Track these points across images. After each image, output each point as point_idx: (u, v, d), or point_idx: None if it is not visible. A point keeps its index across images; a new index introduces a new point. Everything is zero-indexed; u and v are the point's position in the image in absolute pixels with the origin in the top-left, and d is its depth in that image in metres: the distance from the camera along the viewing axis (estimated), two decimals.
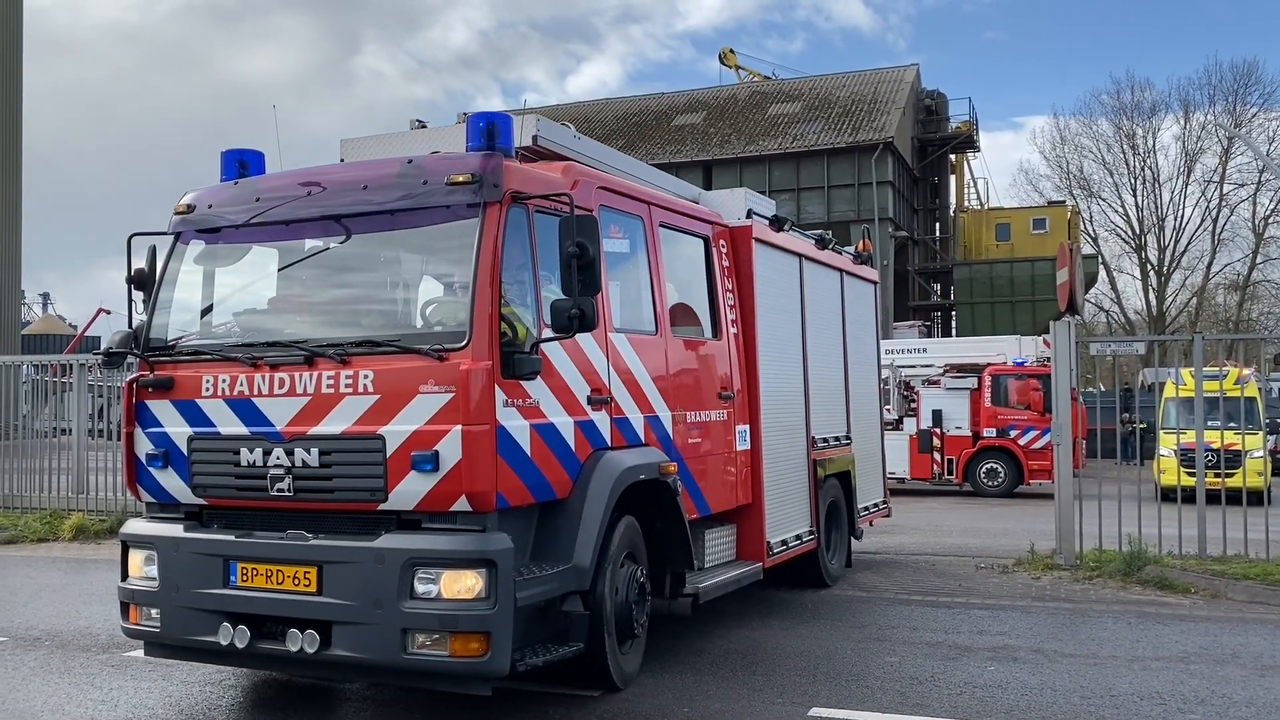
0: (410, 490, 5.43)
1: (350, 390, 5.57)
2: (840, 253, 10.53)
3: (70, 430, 15.19)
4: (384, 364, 5.55)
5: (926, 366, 22.83)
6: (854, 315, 10.61)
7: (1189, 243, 48.62)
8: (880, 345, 12.03)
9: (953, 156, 44.10)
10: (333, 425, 5.59)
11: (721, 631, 7.90)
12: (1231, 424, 17.26)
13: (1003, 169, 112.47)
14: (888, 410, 21.83)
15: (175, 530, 6.05)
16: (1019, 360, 22.17)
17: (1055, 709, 6.04)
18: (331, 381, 5.61)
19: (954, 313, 41.76)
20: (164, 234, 6.56)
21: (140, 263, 6.49)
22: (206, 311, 6.52)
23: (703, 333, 7.84)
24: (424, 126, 8.55)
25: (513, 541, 5.47)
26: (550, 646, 5.79)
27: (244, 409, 5.83)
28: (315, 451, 5.62)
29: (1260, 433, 18.50)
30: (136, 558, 6.20)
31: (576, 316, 5.55)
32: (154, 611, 6.01)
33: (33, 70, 37.12)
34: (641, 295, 7.15)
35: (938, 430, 21.66)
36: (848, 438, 10.21)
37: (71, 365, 15.70)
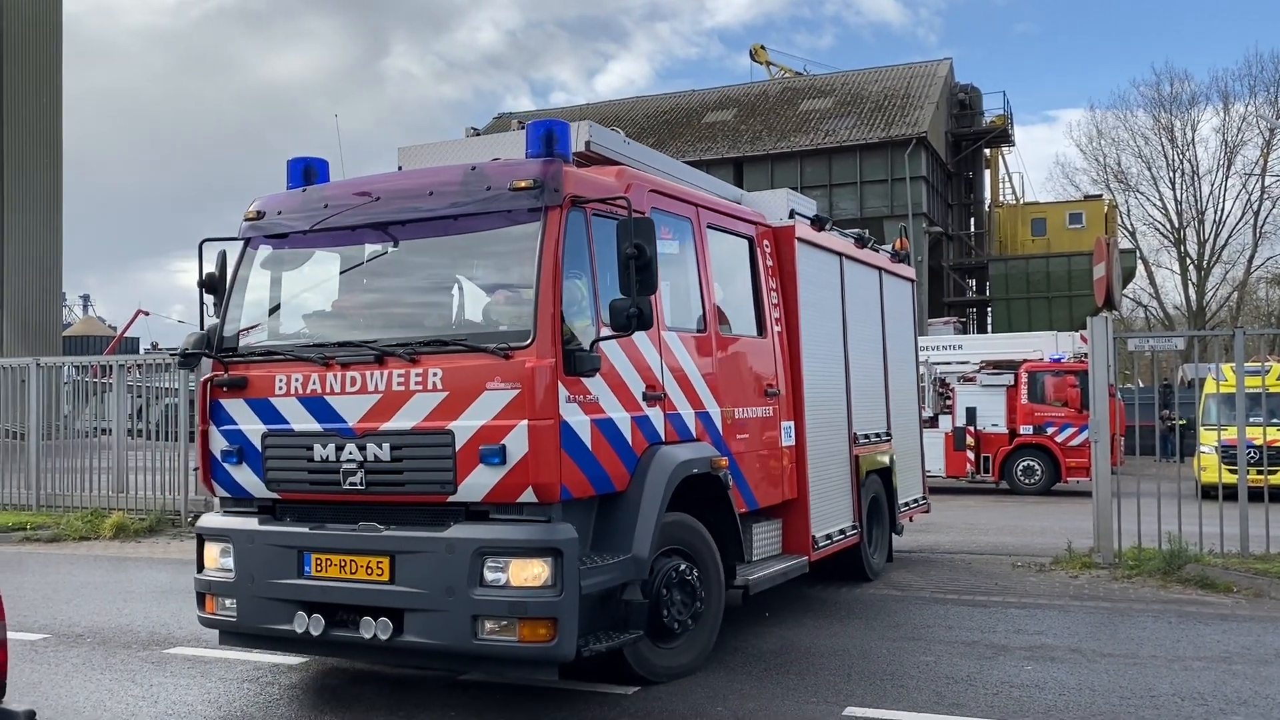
0: (478, 482, 5.66)
1: (420, 387, 5.81)
2: (878, 251, 10.63)
3: (110, 430, 15.41)
4: (452, 362, 5.78)
5: (962, 363, 22.64)
6: (892, 313, 10.70)
7: (1229, 236, 47.84)
8: (917, 342, 12.13)
9: (987, 151, 43.70)
10: (403, 421, 5.83)
11: (756, 630, 7.88)
12: (1274, 420, 17.01)
13: (1036, 163, 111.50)
14: (923, 408, 21.74)
15: (250, 523, 6.30)
16: (1055, 357, 21.94)
17: (1094, 709, 5.96)
18: (402, 379, 5.86)
19: (989, 309, 41.41)
20: (234, 239, 6.82)
21: (210, 267, 6.73)
22: (275, 314, 6.77)
23: (749, 331, 7.96)
24: (479, 134, 9.03)
25: (575, 532, 5.67)
26: (611, 634, 5.93)
27: (317, 406, 6.09)
28: (387, 446, 5.86)
29: None
30: (213, 550, 6.43)
31: (635, 315, 5.74)
32: (230, 601, 6.26)
33: (68, 75, 37.72)
34: (691, 295, 7.27)
35: (971, 429, 21.47)
36: (888, 434, 10.31)
37: (111, 366, 15.92)
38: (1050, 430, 21.20)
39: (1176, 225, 47.95)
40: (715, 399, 7.21)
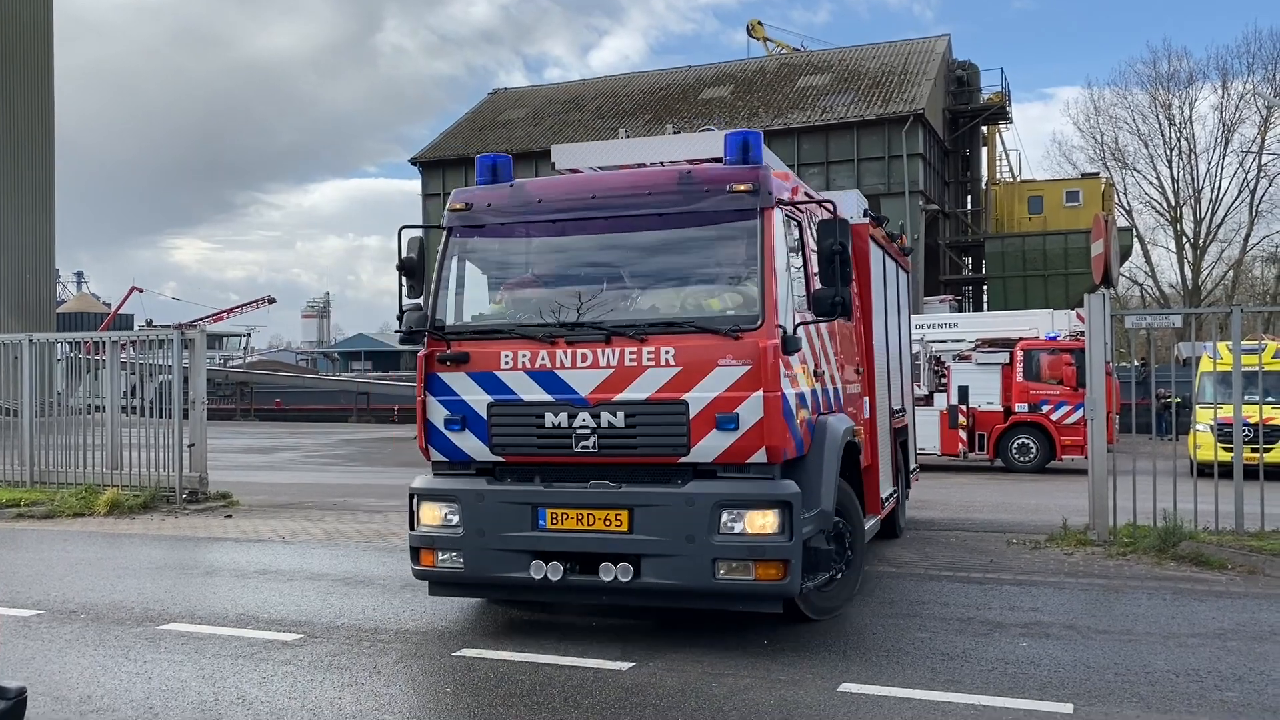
0: (711, 445, 6.50)
1: (652, 363, 6.59)
2: (894, 240, 11.69)
3: (104, 407, 15.36)
4: (682, 342, 6.56)
5: (958, 341, 22.59)
6: (901, 299, 11.93)
7: (1226, 215, 47.82)
8: (911, 325, 13.26)
9: (984, 128, 43.53)
10: (637, 393, 6.61)
11: None
12: (1269, 398, 17.02)
13: (1032, 141, 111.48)
14: (918, 386, 21.72)
15: (478, 484, 6.98)
16: (1051, 335, 21.93)
17: (1089, 686, 5.96)
18: (634, 356, 6.63)
19: (985, 287, 41.38)
20: (434, 227, 7.67)
21: (408, 252, 7.32)
22: (487, 295, 7.43)
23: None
24: (629, 136, 10.20)
25: (798, 488, 6.54)
26: (812, 574, 6.74)
27: (547, 379, 6.79)
28: (621, 414, 6.63)
29: None
30: (434, 509, 7.07)
31: (839, 304, 6.71)
32: (454, 554, 6.95)
33: (58, 50, 37.37)
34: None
35: (964, 407, 21.46)
36: (904, 408, 11.64)
37: (105, 342, 15.84)
38: (1045, 408, 21.21)
39: (1173, 203, 47.91)
40: (840, 376, 8.14)
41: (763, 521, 6.40)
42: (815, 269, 7.08)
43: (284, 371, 70.14)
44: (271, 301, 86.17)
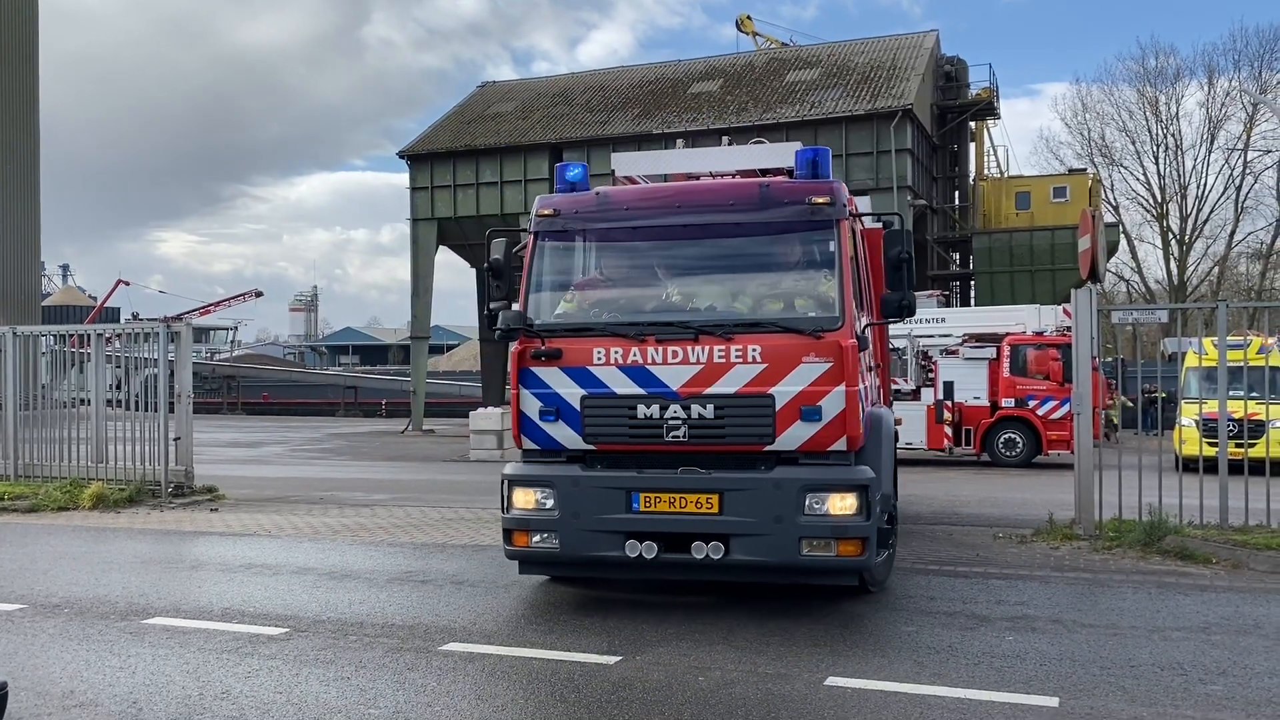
0: (795, 435, 7.09)
1: (740, 360, 7.13)
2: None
3: (89, 400, 15.27)
4: (768, 340, 7.12)
5: (945, 336, 22.62)
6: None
7: (1211, 211, 48.09)
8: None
9: (973, 124, 43.55)
10: (726, 387, 7.14)
11: (735, 601, 7.88)
12: (1254, 394, 17.10)
13: (1019, 137, 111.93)
14: (905, 381, 21.76)
15: (571, 470, 7.44)
16: (1037, 330, 21.97)
17: (1074, 679, 5.98)
18: (722, 353, 7.16)
19: (973, 282, 41.42)
20: (522, 231, 8.16)
21: (495, 255, 7.89)
22: (571, 296, 7.81)
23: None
24: (690, 144, 11.51)
25: (873, 473, 7.20)
26: (879, 550, 7.39)
27: (639, 374, 7.29)
28: (711, 407, 7.16)
29: None
30: (528, 494, 7.49)
31: (906, 306, 7.41)
32: (549, 535, 7.39)
33: (43, 40, 37.06)
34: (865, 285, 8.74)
35: (949, 403, 21.48)
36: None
37: (90, 335, 15.73)
38: (1032, 403, 21.28)
39: (1159, 200, 48.13)
40: (878, 371, 8.93)
41: (844, 504, 7.01)
42: (862, 273, 7.93)
43: (271, 365, 69.92)
44: (259, 295, 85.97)
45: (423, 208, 37.06)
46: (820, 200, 7.32)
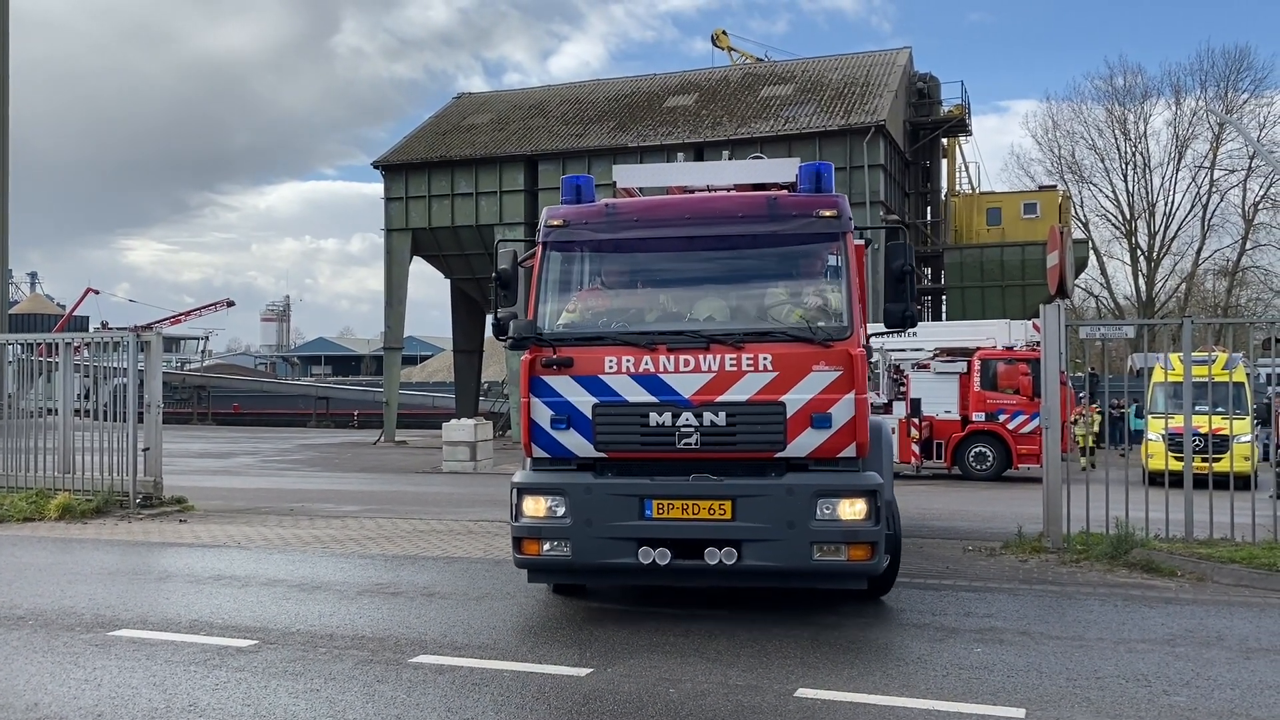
0: (806, 442, 7.21)
1: (751, 369, 7.24)
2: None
3: (57, 410, 15.09)
4: (778, 349, 7.24)
5: (916, 350, 22.77)
6: None
7: (1179, 228, 48.79)
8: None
9: (944, 140, 43.98)
10: (738, 395, 7.24)
11: (706, 612, 7.90)
12: (1219, 409, 17.33)
13: (988, 154, 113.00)
14: (878, 395, 21.86)
15: (584, 478, 7.43)
16: (1009, 344, 22.16)
17: (1041, 690, 6.04)
18: (734, 362, 7.25)
19: (944, 296, 41.75)
20: (529, 241, 8.23)
21: (503, 264, 7.84)
22: (580, 305, 7.83)
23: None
24: (700, 157, 11.75)
25: (881, 478, 7.31)
26: (886, 555, 7.52)
27: (650, 382, 7.35)
28: (723, 414, 7.25)
29: (1247, 418, 18.57)
30: (539, 502, 7.45)
31: (909, 317, 7.62)
32: (561, 543, 7.36)
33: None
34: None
35: (916, 420, 21.56)
36: None
37: (58, 344, 15.56)
38: (1002, 417, 21.46)
39: (1128, 217, 48.75)
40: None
41: (855, 509, 7.12)
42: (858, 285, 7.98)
43: (242, 375, 69.35)
44: (231, 304, 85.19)
45: (397, 218, 36.94)
46: (827, 213, 7.47)
